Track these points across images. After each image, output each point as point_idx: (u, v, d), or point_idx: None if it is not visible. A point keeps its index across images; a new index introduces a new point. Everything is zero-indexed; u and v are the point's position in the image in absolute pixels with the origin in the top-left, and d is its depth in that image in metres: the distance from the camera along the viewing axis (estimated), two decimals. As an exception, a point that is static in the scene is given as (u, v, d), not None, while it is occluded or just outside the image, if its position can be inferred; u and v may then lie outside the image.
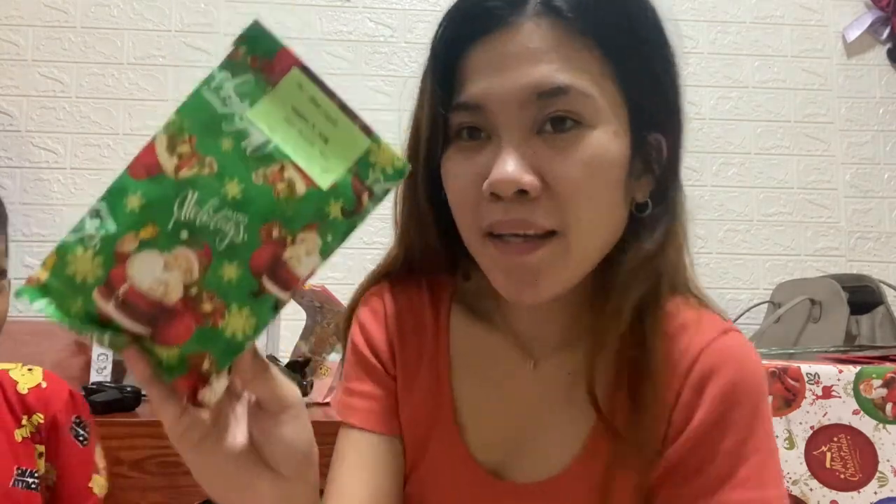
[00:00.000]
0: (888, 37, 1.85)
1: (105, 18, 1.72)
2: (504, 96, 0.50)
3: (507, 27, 0.50)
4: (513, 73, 0.49)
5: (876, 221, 1.81)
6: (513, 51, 0.50)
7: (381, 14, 1.78)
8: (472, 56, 0.52)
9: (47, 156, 1.68)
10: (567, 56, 0.49)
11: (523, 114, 0.50)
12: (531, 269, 0.50)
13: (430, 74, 0.55)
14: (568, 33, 0.50)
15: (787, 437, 1.04)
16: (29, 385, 0.86)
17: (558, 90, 0.49)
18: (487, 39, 0.51)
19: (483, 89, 0.51)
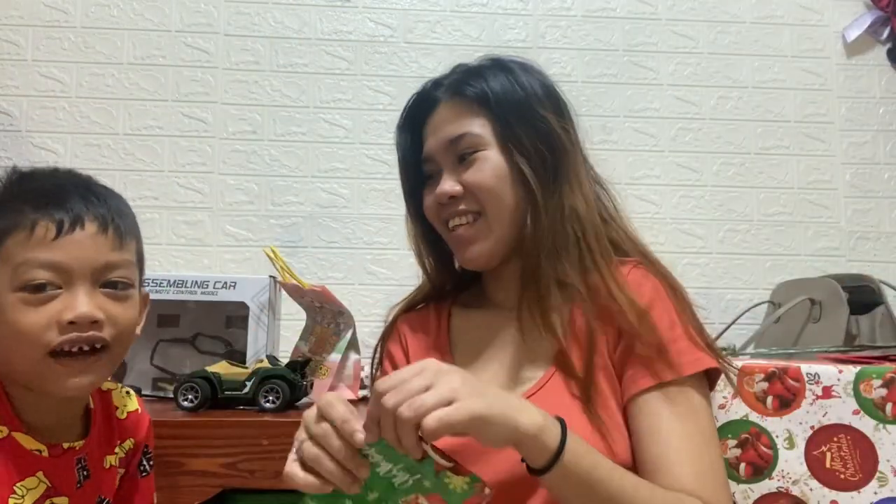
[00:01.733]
0: (888, 37, 1.85)
1: (105, 18, 1.72)
2: (437, 147, 0.86)
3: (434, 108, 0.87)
4: (438, 134, 0.86)
5: (876, 221, 1.81)
6: (436, 121, 0.87)
7: (381, 14, 1.78)
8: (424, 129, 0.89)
9: (47, 156, 1.68)
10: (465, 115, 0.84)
11: (448, 154, 0.85)
12: (468, 240, 0.84)
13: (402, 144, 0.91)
14: (466, 101, 0.85)
15: (787, 437, 1.04)
16: (128, 409, 0.83)
17: (460, 137, 0.84)
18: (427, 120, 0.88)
19: (429, 147, 0.87)
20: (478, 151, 0.83)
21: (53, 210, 0.67)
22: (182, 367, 1.34)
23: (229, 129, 1.72)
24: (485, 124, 0.83)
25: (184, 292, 1.26)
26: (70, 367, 0.67)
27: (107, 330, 0.69)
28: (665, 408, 0.72)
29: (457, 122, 0.84)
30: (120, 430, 0.81)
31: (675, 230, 1.75)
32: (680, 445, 0.70)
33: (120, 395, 0.84)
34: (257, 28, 1.74)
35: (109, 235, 0.70)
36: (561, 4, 1.82)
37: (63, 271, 0.67)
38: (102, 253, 0.69)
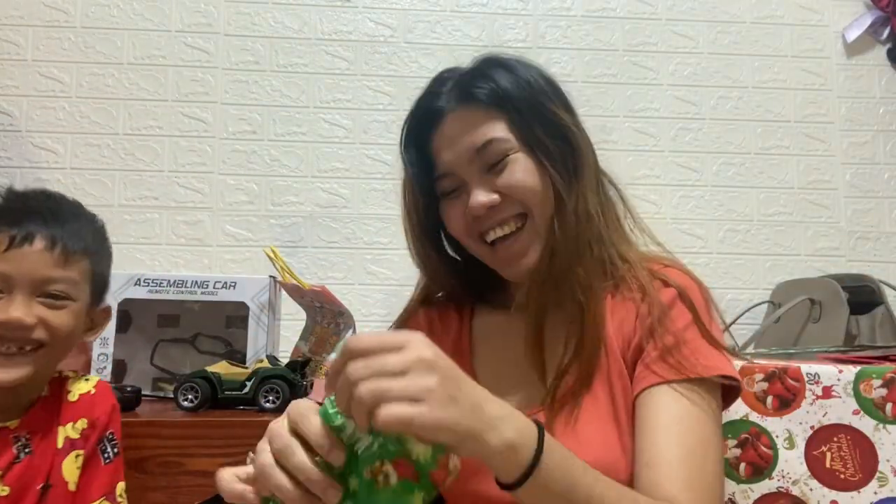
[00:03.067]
0: (888, 37, 1.85)
1: (105, 18, 1.72)
2: (458, 159, 0.80)
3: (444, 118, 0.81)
4: (458, 145, 0.80)
5: (876, 221, 1.81)
6: (452, 131, 0.81)
7: (381, 14, 1.78)
8: (432, 142, 0.83)
9: (47, 156, 1.68)
10: (484, 121, 0.79)
11: (474, 164, 0.80)
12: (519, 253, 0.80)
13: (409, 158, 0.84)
14: (482, 108, 0.80)
15: (787, 437, 1.04)
16: (81, 392, 0.89)
17: (487, 143, 0.79)
18: (437, 129, 0.82)
19: (447, 160, 0.81)
20: (507, 156, 0.79)
21: (10, 227, 0.80)
22: (182, 367, 1.34)
23: (229, 129, 1.72)
24: (505, 127, 0.79)
25: (184, 292, 1.26)
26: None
27: (39, 332, 0.80)
28: (669, 405, 0.70)
29: (476, 129, 0.79)
30: (70, 411, 0.87)
31: (675, 230, 1.75)
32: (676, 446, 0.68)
33: (76, 381, 0.91)
34: (257, 28, 1.74)
35: (55, 253, 0.81)
36: (561, 4, 1.82)
37: (6, 279, 0.79)
38: (46, 268, 0.80)
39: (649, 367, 0.72)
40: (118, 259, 1.01)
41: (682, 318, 0.74)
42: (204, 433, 0.98)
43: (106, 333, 1.26)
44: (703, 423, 0.70)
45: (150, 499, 0.97)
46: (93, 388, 0.90)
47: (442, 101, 0.82)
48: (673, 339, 0.72)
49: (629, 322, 0.77)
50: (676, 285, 0.77)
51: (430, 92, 0.84)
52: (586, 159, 0.81)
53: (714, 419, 0.71)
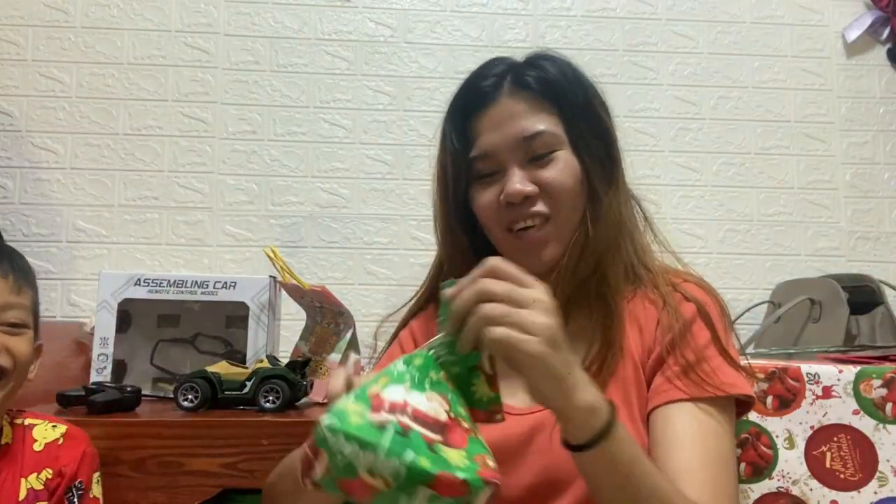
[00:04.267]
0: (888, 37, 1.85)
1: (105, 18, 1.72)
2: (503, 144, 0.79)
3: (494, 100, 0.81)
4: (506, 129, 0.79)
5: (876, 221, 1.81)
6: (502, 115, 0.80)
7: (381, 14, 1.78)
8: (476, 124, 0.82)
9: (47, 156, 1.68)
10: (536, 112, 0.80)
11: (518, 151, 0.79)
12: (539, 245, 0.80)
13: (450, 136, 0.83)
14: (533, 97, 0.80)
15: (787, 437, 1.04)
16: (47, 441, 0.88)
17: (537, 134, 0.79)
18: (484, 111, 0.81)
19: (490, 142, 0.80)
20: (554, 151, 0.79)
21: None
22: (182, 367, 1.34)
23: (229, 129, 1.72)
24: (557, 123, 0.79)
25: (184, 292, 1.26)
26: None
27: (4, 359, 0.81)
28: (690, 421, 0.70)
29: (528, 118, 0.79)
30: (34, 461, 0.85)
31: (675, 230, 1.75)
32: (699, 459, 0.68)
33: (44, 429, 0.89)
34: (257, 28, 1.74)
35: (10, 281, 0.83)
36: (561, 4, 1.82)
37: None
38: (3, 294, 0.82)
39: (671, 382, 0.73)
40: (118, 259, 1.02)
41: (703, 335, 0.75)
42: (204, 433, 0.98)
43: (106, 333, 1.26)
44: (723, 439, 0.71)
45: (150, 499, 0.97)
46: (60, 437, 0.88)
47: (494, 85, 0.81)
48: (694, 356, 0.73)
49: (649, 331, 0.77)
50: (695, 300, 0.77)
51: (482, 74, 0.83)
52: (620, 169, 0.83)
53: (731, 436, 0.72)
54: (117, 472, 0.96)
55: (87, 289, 1.62)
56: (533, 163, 0.79)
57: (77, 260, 1.64)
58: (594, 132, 0.81)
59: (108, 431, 0.97)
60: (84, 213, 1.66)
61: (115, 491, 0.95)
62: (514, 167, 0.79)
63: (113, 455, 0.96)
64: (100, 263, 1.63)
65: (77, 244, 1.64)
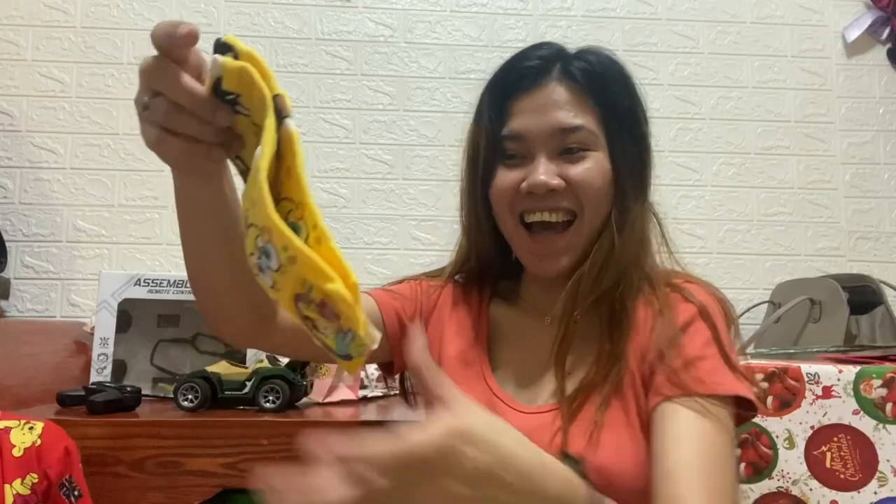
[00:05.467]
0: (888, 37, 1.85)
1: (105, 18, 1.72)
2: (538, 130, 0.75)
3: (538, 86, 0.76)
4: (545, 115, 0.75)
5: (876, 221, 1.81)
6: (543, 101, 0.76)
7: (381, 14, 1.78)
8: (515, 103, 0.77)
9: (47, 156, 1.68)
10: (579, 106, 0.76)
11: (551, 141, 0.75)
12: (555, 251, 0.76)
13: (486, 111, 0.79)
14: (578, 91, 0.76)
15: (787, 437, 1.04)
16: (25, 445, 0.86)
17: (576, 128, 0.75)
18: (527, 93, 0.77)
19: (524, 125, 0.76)
20: (588, 150, 0.76)
21: None
22: (182, 367, 1.34)
23: (229, 129, 1.72)
24: (597, 122, 0.76)
25: (184, 292, 1.26)
26: None
27: None
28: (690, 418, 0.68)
29: (571, 110, 0.75)
30: (16, 467, 0.84)
31: (675, 230, 1.73)
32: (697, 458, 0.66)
33: (20, 432, 0.87)
34: (257, 28, 1.74)
35: None
36: (561, 4, 1.82)
37: None
38: None
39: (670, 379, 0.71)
40: (118, 259, 1.01)
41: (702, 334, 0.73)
42: (204, 433, 0.98)
43: (106, 333, 1.26)
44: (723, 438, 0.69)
45: (149, 499, 0.97)
46: (38, 439, 0.87)
47: (541, 68, 0.77)
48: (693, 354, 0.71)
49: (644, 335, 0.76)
50: (697, 302, 0.75)
51: (530, 55, 0.79)
52: (650, 182, 0.82)
53: (730, 436, 0.70)
54: (117, 472, 0.97)
55: (87, 289, 1.62)
56: (563, 156, 0.75)
57: (77, 260, 1.64)
58: (632, 138, 0.79)
59: (108, 431, 0.97)
60: (84, 213, 1.66)
61: (115, 491, 0.95)
62: (542, 156, 0.75)
63: (113, 455, 0.96)
64: (100, 263, 1.63)
65: (77, 244, 1.64)
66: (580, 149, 0.75)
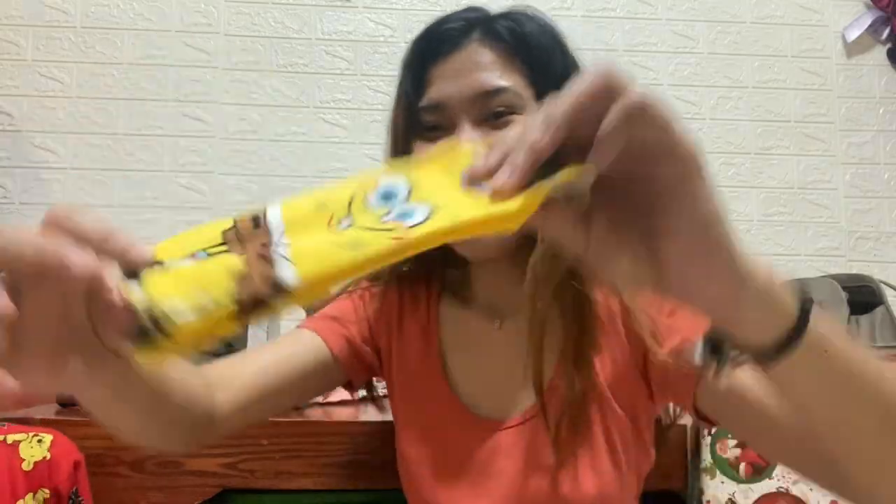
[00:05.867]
0: (888, 37, 1.85)
1: (105, 18, 1.72)
2: (459, 96, 0.66)
3: (458, 48, 0.68)
4: (464, 79, 0.67)
5: (876, 221, 1.81)
6: (463, 64, 0.68)
7: (381, 14, 1.78)
8: (433, 70, 0.69)
9: (47, 156, 1.68)
10: (503, 67, 0.67)
11: (472, 107, 0.66)
12: None
13: (404, 84, 0.71)
14: (502, 50, 0.68)
15: (787, 437, 1.04)
16: (35, 459, 0.85)
17: (500, 90, 0.66)
18: (446, 58, 0.69)
19: (443, 91, 0.67)
20: (517, 113, 0.66)
21: None
22: (182, 367, 1.34)
23: (229, 129, 1.72)
24: (525, 85, 0.68)
25: (184, 292, 1.26)
26: None
27: None
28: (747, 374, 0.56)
29: (495, 71, 0.67)
30: (27, 482, 0.82)
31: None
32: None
33: (29, 445, 0.85)
34: (257, 28, 1.74)
35: None
36: (561, 4, 1.82)
37: None
38: None
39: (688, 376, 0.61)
40: (118, 259, 1.01)
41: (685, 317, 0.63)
42: (204, 433, 0.98)
43: (106, 333, 1.26)
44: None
45: (149, 499, 0.97)
46: (47, 453, 0.85)
47: (461, 30, 0.69)
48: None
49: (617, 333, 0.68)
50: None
51: (449, 18, 0.71)
52: None
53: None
54: (117, 472, 0.96)
55: (87, 289, 1.62)
56: (488, 122, 0.66)
57: (77, 260, 1.64)
58: None
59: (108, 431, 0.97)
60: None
61: (115, 491, 0.95)
62: (465, 124, 0.66)
63: (113, 455, 0.96)
64: (100, 263, 1.63)
65: (77, 244, 1.64)
66: (507, 112, 0.66)
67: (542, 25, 0.71)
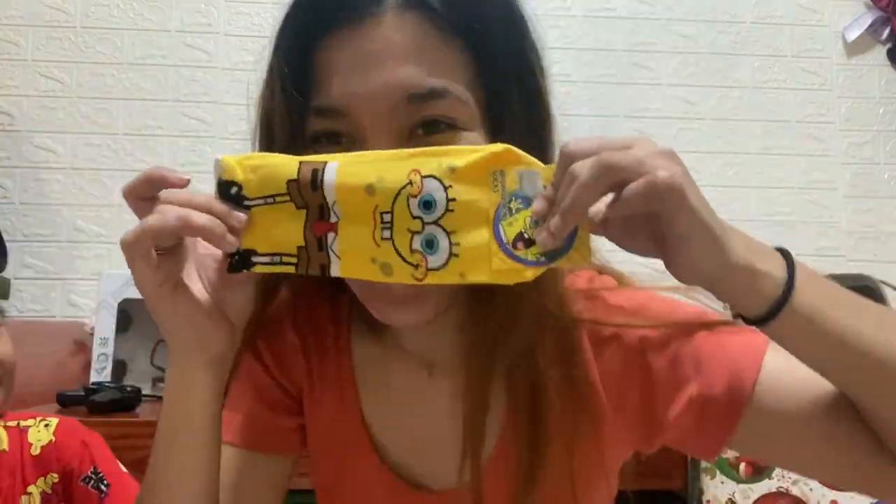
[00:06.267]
0: (888, 37, 1.85)
1: (105, 18, 1.72)
2: (370, 99, 0.44)
3: (366, 19, 0.45)
4: (378, 73, 0.44)
5: (876, 221, 1.81)
6: (375, 47, 0.45)
7: (381, 14, 1.78)
8: (327, 51, 0.46)
9: (47, 156, 1.67)
10: (437, 55, 0.45)
11: (393, 119, 0.44)
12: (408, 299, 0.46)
13: (278, 70, 0.49)
14: (435, 28, 0.45)
15: (787, 437, 1.04)
16: (42, 443, 0.85)
17: (432, 93, 0.44)
18: (345, 33, 0.46)
19: (345, 91, 0.45)
20: (455, 128, 0.45)
21: None
22: (182, 367, 1.34)
23: (229, 129, 1.72)
24: (468, 84, 0.46)
25: (184, 292, 1.26)
26: None
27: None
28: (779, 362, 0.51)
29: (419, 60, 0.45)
30: (37, 466, 0.83)
31: (675, 230, 1.75)
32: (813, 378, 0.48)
33: (36, 430, 0.86)
34: (257, 28, 1.74)
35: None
36: (561, 4, 1.82)
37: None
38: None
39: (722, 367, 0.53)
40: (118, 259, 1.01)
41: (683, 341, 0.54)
42: (204, 433, 0.98)
43: (106, 333, 1.26)
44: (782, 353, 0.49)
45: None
46: (53, 436, 0.86)
47: None
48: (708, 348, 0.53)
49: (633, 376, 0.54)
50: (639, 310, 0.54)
51: None
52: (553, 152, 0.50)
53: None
54: (117, 472, 0.96)
55: (87, 289, 1.62)
56: (414, 138, 0.45)
57: (77, 260, 1.64)
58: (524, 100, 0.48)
59: (108, 431, 0.97)
60: (84, 213, 1.66)
61: (115, 491, 0.95)
62: (379, 138, 0.45)
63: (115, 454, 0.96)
64: (100, 263, 1.63)
65: (77, 244, 1.64)
66: (444, 124, 0.45)
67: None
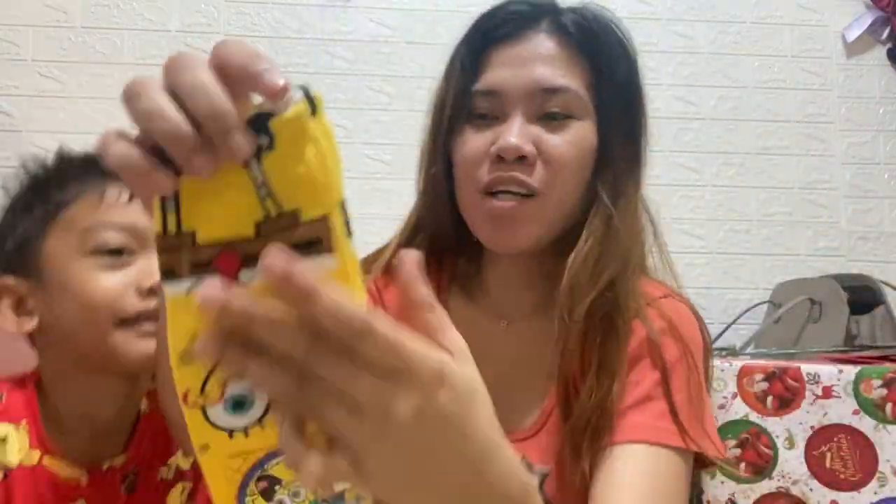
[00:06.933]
0: (888, 37, 1.85)
1: (105, 18, 1.72)
2: (516, 86, 0.64)
3: (522, 38, 0.66)
4: (524, 71, 0.64)
5: (876, 221, 1.81)
6: (526, 54, 0.65)
7: (381, 14, 1.78)
8: (493, 53, 0.66)
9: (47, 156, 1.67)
10: (567, 64, 0.65)
11: (529, 102, 0.64)
12: (514, 218, 0.63)
13: (459, 60, 0.68)
14: (569, 46, 0.66)
15: (787, 437, 1.04)
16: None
17: (559, 89, 0.64)
18: (508, 42, 0.66)
19: (500, 79, 0.65)
20: (573, 118, 0.64)
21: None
22: (182, 367, 1.34)
23: (229, 129, 1.72)
24: (587, 86, 0.65)
25: (184, 292, 1.26)
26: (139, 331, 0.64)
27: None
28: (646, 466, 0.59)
29: (559, 68, 0.64)
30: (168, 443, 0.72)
31: (675, 230, 1.75)
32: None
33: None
34: (257, 28, 1.74)
35: None
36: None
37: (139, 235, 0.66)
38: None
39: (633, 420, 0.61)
40: (118, 259, 1.01)
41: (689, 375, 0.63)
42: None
43: (106, 333, 1.25)
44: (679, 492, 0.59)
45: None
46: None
47: (529, 16, 0.67)
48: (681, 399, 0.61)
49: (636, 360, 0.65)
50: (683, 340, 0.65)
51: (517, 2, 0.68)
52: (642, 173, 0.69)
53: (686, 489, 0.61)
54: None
55: (87, 289, 1.62)
56: (542, 121, 0.64)
57: (77, 260, 1.64)
58: (628, 111, 0.68)
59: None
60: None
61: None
62: (518, 117, 0.63)
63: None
64: (100, 263, 1.63)
65: (77, 244, 1.64)
66: (564, 115, 0.64)
67: (612, 27, 0.68)
